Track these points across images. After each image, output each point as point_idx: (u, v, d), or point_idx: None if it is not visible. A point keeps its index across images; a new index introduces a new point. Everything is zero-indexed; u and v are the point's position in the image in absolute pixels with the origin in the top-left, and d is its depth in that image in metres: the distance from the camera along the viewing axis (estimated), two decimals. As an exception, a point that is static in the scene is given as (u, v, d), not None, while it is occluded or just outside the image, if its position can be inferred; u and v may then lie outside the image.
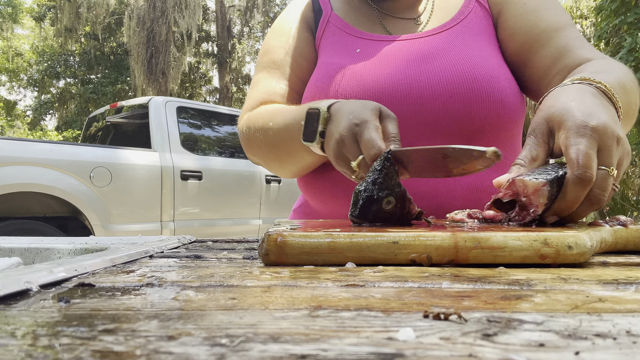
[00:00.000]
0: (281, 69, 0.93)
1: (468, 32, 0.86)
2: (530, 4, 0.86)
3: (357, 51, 0.87)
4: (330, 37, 0.92)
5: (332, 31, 0.92)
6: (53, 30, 14.54)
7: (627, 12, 6.96)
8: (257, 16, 15.31)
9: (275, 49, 0.95)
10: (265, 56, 0.96)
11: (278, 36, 0.96)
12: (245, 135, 0.89)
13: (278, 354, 0.19)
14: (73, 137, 14.13)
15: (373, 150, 0.58)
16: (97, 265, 0.42)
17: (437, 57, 0.82)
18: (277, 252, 0.44)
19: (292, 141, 0.76)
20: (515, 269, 0.42)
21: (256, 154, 0.89)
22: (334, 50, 0.89)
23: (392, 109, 0.78)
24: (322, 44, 0.93)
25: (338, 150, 0.65)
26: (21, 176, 3.07)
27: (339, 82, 0.83)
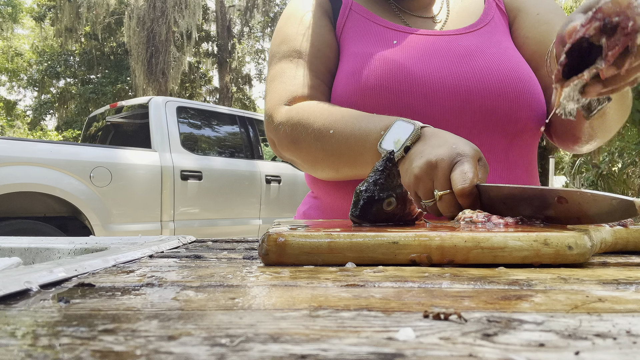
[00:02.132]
0: (304, 58, 0.87)
1: (498, 34, 0.86)
2: (544, 15, 0.87)
3: (394, 42, 0.84)
4: (356, 26, 0.88)
5: (358, 20, 0.88)
6: (53, 30, 14.54)
7: (627, 12, 6.95)
8: (257, 16, 15.31)
9: (295, 37, 0.88)
10: (283, 45, 0.89)
11: (295, 24, 0.90)
12: (288, 134, 0.81)
13: (278, 354, 0.19)
14: (73, 137, 14.13)
15: (466, 183, 0.58)
16: (97, 265, 0.42)
17: (479, 55, 0.81)
18: (277, 252, 0.44)
19: (363, 154, 0.73)
20: (515, 269, 0.42)
21: (302, 157, 0.82)
22: (364, 40, 0.85)
23: (441, 103, 0.78)
24: (346, 33, 0.88)
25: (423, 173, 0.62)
26: (21, 176, 3.07)
27: (383, 73, 0.79)
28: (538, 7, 0.89)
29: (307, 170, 0.85)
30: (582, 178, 7.88)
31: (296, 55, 0.87)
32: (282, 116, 0.82)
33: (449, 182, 0.60)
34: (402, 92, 0.79)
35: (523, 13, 0.89)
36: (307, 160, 0.82)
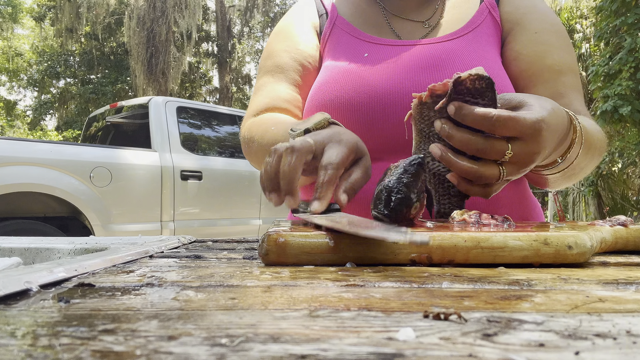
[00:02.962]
0: (286, 73, 0.90)
1: (479, 42, 0.85)
2: (542, 36, 0.84)
3: (365, 55, 0.85)
4: (337, 40, 0.90)
5: (339, 34, 0.90)
6: (53, 30, 14.54)
7: (628, 13, 6.96)
8: (257, 16, 15.31)
9: (279, 53, 0.92)
10: (268, 60, 0.93)
11: (282, 40, 0.94)
12: (245, 141, 0.87)
13: (278, 354, 0.19)
14: (73, 137, 14.13)
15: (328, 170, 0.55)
16: (97, 265, 0.42)
17: (447, 65, 0.81)
18: (277, 252, 0.44)
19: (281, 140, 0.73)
20: (515, 269, 0.42)
21: (254, 161, 0.88)
22: (340, 54, 0.87)
23: (399, 114, 0.78)
24: (327, 48, 0.90)
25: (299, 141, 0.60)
26: (21, 176, 3.07)
27: (345, 85, 0.81)
28: (537, 26, 0.85)
29: None
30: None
31: (278, 70, 0.90)
32: (246, 126, 0.88)
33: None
34: (361, 104, 0.79)
35: (520, 28, 0.86)
36: (256, 162, 0.86)
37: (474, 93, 0.54)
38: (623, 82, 6.72)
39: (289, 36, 0.93)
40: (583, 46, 11.91)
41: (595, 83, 7.39)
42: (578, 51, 12.13)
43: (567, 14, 13.45)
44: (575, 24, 13.29)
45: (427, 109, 0.57)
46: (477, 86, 0.53)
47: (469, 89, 0.54)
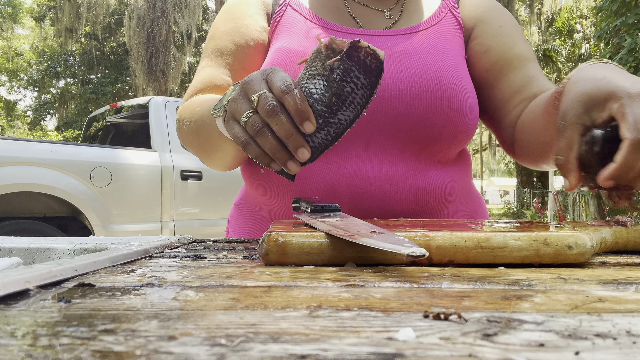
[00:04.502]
0: (224, 57, 0.85)
1: (438, 39, 0.85)
2: (505, 28, 0.88)
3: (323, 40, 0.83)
4: (290, 23, 0.85)
5: (293, 17, 0.85)
6: (53, 30, 14.54)
7: (628, 13, 6.96)
8: (257, 16, 15.28)
9: (221, 36, 0.87)
10: (210, 42, 0.89)
11: (226, 21, 0.88)
12: (177, 125, 0.84)
13: (278, 354, 0.19)
14: (73, 137, 14.13)
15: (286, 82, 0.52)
16: (97, 265, 0.42)
17: (404, 58, 0.80)
18: (277, 252, 0.44)
19: (210, 125, 0.70)
20: (515, 269, 0.42)
21: (186, 144, 0.83)
22: (292, 38, 0.83)
23: None
24: (278, 30, 0.85)
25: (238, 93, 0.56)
26: (21, 176, 3.07)
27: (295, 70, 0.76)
28: (499, 21, 0.89)
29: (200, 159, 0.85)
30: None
31: (217, 53, 0.86)
32: (180, 107, 0.84)
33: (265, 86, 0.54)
34: None
35: (483, 23, 0.89)
36: (189, 145, 0.82)
37: (362, 67, 0.52)
38: (623, 82, 6.67)
39: (233, 17, 0.88)
40: (583, 46, 11.91)
41: (596, 83, 7.35)
42: (578, 51, 12.13)
43: (567, 14, 13.45)
44: (575, 24, 13.29)
45: (319, 59, 0.53)
46: (368, 62, 0.51)
47: (359, 59, 0.51)
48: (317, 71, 0.53)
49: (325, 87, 0.53)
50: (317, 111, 0.52)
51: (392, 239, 0.41)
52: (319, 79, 0.53)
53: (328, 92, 0.52)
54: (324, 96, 0.53)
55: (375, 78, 0.52)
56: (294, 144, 0.52)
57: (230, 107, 0.56)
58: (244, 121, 0.53)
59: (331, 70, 0.52)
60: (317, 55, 0.53)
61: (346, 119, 0.54)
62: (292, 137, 0.52)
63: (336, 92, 0.52)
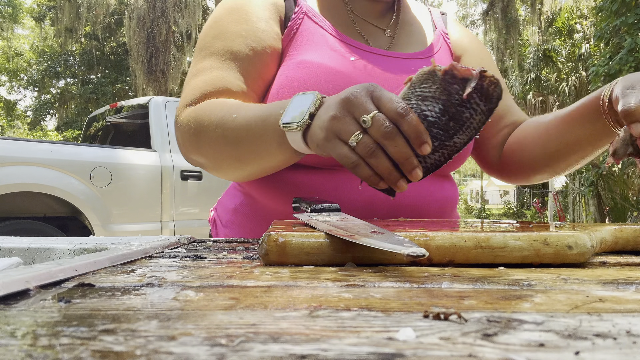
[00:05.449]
0: (238, 62, 0.79)
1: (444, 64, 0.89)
2: (485, 60, 0.98)
3: (352, 59, 0.81)
4: (311, 35, 0.82)
5: (313, 29, 0.83)
6: (53, 30, 14.54)
7: (628, 13, 6.96)
8: (257, 16, 15.29)
9: (234, 37, 0.81)
10: (218, 41, 0.81)
11: (239, 22, 0.82)
12: (191, 129, 0.75)
13: (278, 354, 0.19)
14: (73, 137, 14.13)
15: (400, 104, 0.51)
16: (97, 265, 0.42)
17: None
18: (277, 252, 0.44)
19: (264, 133, 0.66)
20: (515, 269, 0.42)
21: (207, 155, 0.77)
22: (317, 51, 0.80)
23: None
24: (297, 41, 0.82)
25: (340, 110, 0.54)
26: (21, 176, 3.07)
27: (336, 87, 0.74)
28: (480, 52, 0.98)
29: (213, 169, 0.79)
30: (582, 178, 7.89)
31: (230, 56, 0.80)
32: (188, 113, 0.77)
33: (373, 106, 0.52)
34: None
35: (468, 55, 0.96)
36: (210, 154, 0.76)
37: (483, 94, 0.52)
38: (623, 82, 6.68)
39: (246, 18, 0.82)
40: (583, 46, 11.91)
41: (596, 83, 7.38)
42: (578, 51, 12.13)
43: (567, 14, 13.45)
44: (575, 24, 13.29)
45: (431, 81, 0.54)
46: (490, 91, 0.52)
47: (482, 87, 0.52)
48: (429, 93, 0.54)
49: (441, 111, 0.53)
50: (432, 134, 0.53)
51: (392, 239, 0.41)
52: (432, 101, 0.53)
53: (445, 116, 0.53)
54: (440, 119, 0.53)
55: (494, 105, 0.53)
56: (409, 166, 0.52)
57: (334, 126, 0.54)
58: (354, 143, 0.52)
59: (449, 95, 0.53)
60: (429, 78, 0.54)
61: (460, 141, 0.55)
62: (409, 160, 0.52)
63: (454, 117, 0.53)
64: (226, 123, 0.70)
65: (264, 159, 0.70)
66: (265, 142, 0.66)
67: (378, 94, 0.53)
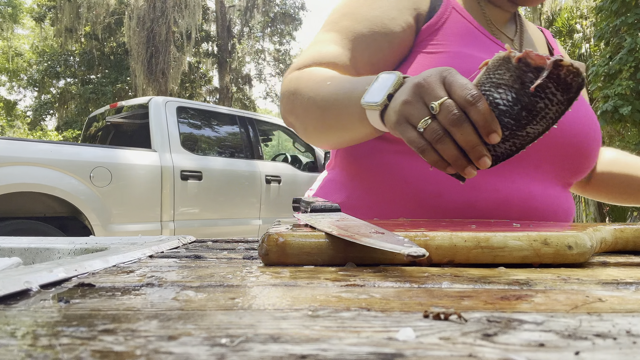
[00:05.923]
0: (356, 43, 0.81)
1: None
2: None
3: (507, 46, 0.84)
4: (459, 27, 0.82)
5: (460, 21, 0.83)
6: (53, 31, 14.54)
7: (628, 13, 6.96)
8: (257, 16, 15.31)
9: (361, 20, 0.82)
10: (344, 19, 0.83)
11: (371, 7, 0.83)
12: (290, 89, 0.79)
13: (278, 354, 0.19)
14: (73, 137, 14.12)
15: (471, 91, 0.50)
16: (97, 265, 0.42)
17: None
18: (277, 252, 0.44)
19: (348, 105, 0.67)
20: (515, 269, 0.42)
21: (298, 115, 0.79)
22: (471, 44, 0.81)
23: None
24: (443, 33, 0.82)
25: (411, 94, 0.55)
26: (21, 176, 3.07)
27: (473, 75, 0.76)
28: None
29: (302, 132, 0.82)
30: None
31: (350, 36, 0.82)
32: (291, 77, 0.80)
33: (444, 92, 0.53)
34: None
35: None
36: (302, 118, 0.79)
37: (560, 84, 0.49)
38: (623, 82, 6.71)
39: (380, 4, 0.83)
40: (583, 46, 11.91)
41: (596, 83, 7.39)
42: (578, 51, 12.13)
43: (567, 14, 13.44)
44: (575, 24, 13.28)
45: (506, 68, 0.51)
46: (569, 80, 0.49)
47: (558, 77, 0.49)
48: (502, 81, 0.52)
49: (513, 100, 0.51)
50: (503, 123, 0.52)
51: (392, 239, 0.41)
52: (505, 89, 0.52)
53: (517, 106, 0.51)
54: (512, 109, 0.52)
55: (574, 94, 0.50)
56: (477, 154, 0.52)
57: (404, 110, 0.55)
58: (422, 128, 0.53)
59: (522, 83, 0.51)
60: (504, 64, 0.52)
61: (534, 132, 0.53)
62: (476, 147, 0.52)
63: (527, 106, 0.51)
64: (319, 89, 0.73)
65: (346, 130, 0.72)
66: (349, 114, 0.68)
67: (451, 79, 0.53)
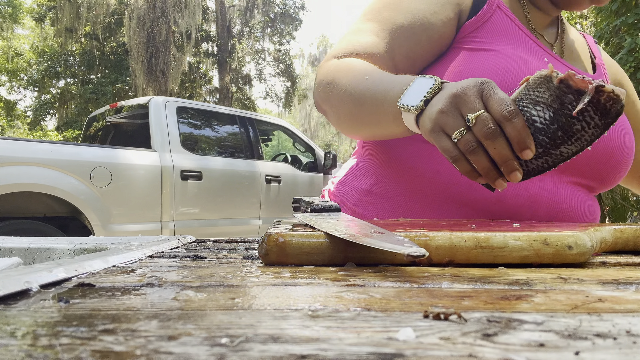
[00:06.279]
0: (395, 36, 0.81)
1: None
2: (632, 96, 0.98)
3: (546, 60, 0.82)
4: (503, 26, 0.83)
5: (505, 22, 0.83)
6: (53, 31, 14.54)
7: (628, 13, 6.96)
8: (257, 16, 15.31)
9: (403, 12, 0.82)
10: (387, 10, 0.83)
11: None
12: (323, 83, 0.79)
13: (278, 354, 0.19)
14: (73, 137, 14.12)
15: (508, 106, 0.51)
16: (97, 265, 0.42)
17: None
18: (277, 252, 0.44)
19: (384, 103, 0.67)
20: (515, 269, 0.42)
21: (333, 105, 0.79)
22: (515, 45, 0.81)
23: None
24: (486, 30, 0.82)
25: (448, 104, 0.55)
26: (21, 176, 3.07)
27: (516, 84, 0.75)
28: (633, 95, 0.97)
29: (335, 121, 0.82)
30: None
31: (391, 27, 0.81)
32: (329, 65, 0.80)
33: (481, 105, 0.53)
34: None
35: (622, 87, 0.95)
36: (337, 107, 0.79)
37: (599, 109, 0.50)
38: (623, 82, 6.69)
39: None
40: (583, 46, 11.88)
41: (596, 83, 7.36)
42: (578, 51, 12.09)
43: (567, 14, 13.44)
44: (575, 24, 13.28)
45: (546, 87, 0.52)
46: (608, 106, 0.49)
47: (598, 102, 0.49)
48: (542, 99, 0.52)
49: (550, 119, 0.52)
50: (537, 140, 0.52)
51: (392, 239, 0.41)
52: (544, 107, 0.52)
53: (554, 125, 0.52)
54: (548, 127, 0.52)
55: (612, 119, 0.51)
56: (509, 168, 0.53)
57: (440, 119, 0.55)
58: (457, 139, 0.54)
59: (561, 104, 0.51)
60: (545, 83, 0.52)
61: (568, 152, 0.53)
62: (508, 162, 0.52)
63: (563, 127, 0.52)
64: (357, 82, 0.73)
65: (379, 126, 0.73)
66: (384, 112, 0.68)
67: (489, 92, 0.53)
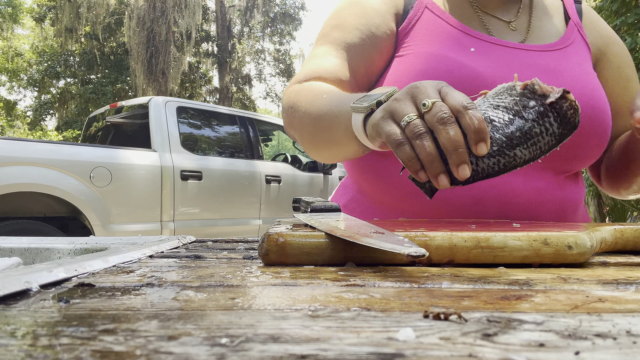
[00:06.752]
0: (351, 54, 0.83)
1: (578, 57, 0.85)
2: (624, 70, 0.91)
3: (472, 50, 0.80)
4: (430, 25, 0.83)
5: (431, 19, 0.84)
6: (53, 31, 14.54)
7: (628, 13, 6.96)
8: (257, 16, 15.31)
9: (350, 29, 0.85)
10: (336, 30, 0.86)
11: (357, 15, 0.85)
12: (290, 103, 0.80)
13: (278, 354, 0.19)
14: (73, 137, 14.12)
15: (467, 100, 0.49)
16: (97, 265, 0.42)
17: (558, 75, 0.79)
18: (277, 252, 0.44)
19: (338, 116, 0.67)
20: (515, 269, 0.42)
21: (296, 129, 0.81)
22: (439, 42, 0.81)
23: None
24: (416, 32, 0.83)
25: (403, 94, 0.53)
26: (21, 176, 3.07)
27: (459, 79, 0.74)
28: (619, 60, 0.91)
29: (302, 144, 0.82)
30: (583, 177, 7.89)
31: (345, 47, 0.84)
32: (291, 91, 0.81)
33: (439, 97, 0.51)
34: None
35: (606, 60, 0.91)
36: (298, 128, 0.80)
37: (560, 116, 0.51)
38: (623, 82, 6.69)
39: (364, 12, 0.85)
40: (583, 46, 11.89)
41: (595, 83, 7.36)
42: (578, 51, 12.10)
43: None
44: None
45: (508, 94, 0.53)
46: (568, 115, 0.51)
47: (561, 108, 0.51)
48: (502, 104, 0.52)
49: (509, 120, 0.52)
50: (494, 138, 0.51)
51: (392, 239, 0.41)
52: (504, 110, 0.52)
53: (513, 125, 0.52)
54: (506, 127, 0.52)
55: (567, 132, 0.52)
56: (458, 158, 0.48)
57: (391, 106, 0.53)
58: (406, 122, 0.50)
59: (524, 107, 0.51)
60: (508, 91, 0.53)
61: (521, 157, 0.52)
62: (460, 150, 0.48)
63: (522, 128, 0.51)
64: (315, 102, 0.74)
65: (335, 142, 0.71)
66: (338, 123, 0.67)
67: (447, 90, 0.51)
